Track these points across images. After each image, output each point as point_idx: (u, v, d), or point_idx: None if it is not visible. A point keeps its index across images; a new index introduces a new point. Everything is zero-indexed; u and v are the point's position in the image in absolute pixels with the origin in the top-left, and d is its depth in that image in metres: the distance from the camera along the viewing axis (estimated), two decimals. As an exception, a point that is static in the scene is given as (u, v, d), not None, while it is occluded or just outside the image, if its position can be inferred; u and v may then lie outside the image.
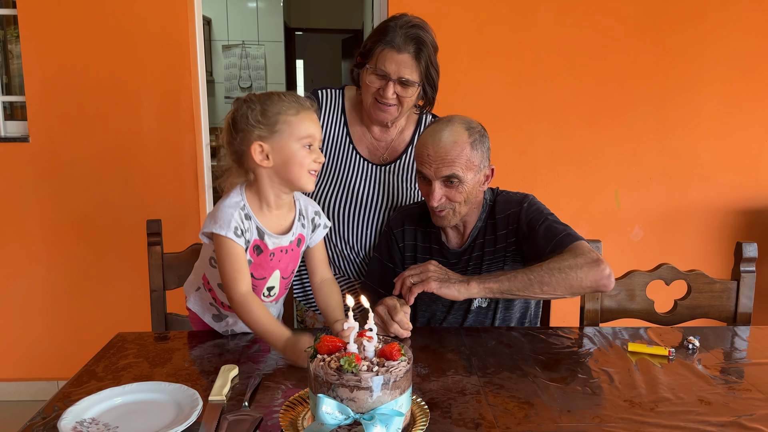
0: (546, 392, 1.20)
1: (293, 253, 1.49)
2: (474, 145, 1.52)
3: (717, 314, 1.71)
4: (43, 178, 2.86)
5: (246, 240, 1.39)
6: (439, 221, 1.59)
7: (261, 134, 1.36)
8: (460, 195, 1.53)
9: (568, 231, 1.53)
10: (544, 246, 1.51)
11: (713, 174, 3.13)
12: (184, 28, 2.81)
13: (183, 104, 2.85)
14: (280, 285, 1.50)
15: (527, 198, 1.63)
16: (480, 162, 1.54)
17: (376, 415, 0.95)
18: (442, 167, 1.50)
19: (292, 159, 1.37)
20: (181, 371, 1.29)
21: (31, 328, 3.01)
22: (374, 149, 1.85)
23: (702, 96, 3.05)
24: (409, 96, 1.71)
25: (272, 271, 1.46)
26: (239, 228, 1.37)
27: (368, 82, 1.71)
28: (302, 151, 1.38)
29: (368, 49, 1.72)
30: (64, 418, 1.02)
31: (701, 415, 1.12)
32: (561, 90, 3.00)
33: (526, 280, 1.42)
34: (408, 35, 1.66)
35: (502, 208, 1.63)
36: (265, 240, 1.42)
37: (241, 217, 1.38)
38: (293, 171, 1.39)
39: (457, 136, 1.51)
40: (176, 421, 1.03)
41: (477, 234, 1.64)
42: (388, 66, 1.67)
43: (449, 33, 2.91)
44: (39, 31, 2.75)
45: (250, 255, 1.41)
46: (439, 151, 1.50)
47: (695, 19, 2.97)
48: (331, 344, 1.04)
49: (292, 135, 1.37)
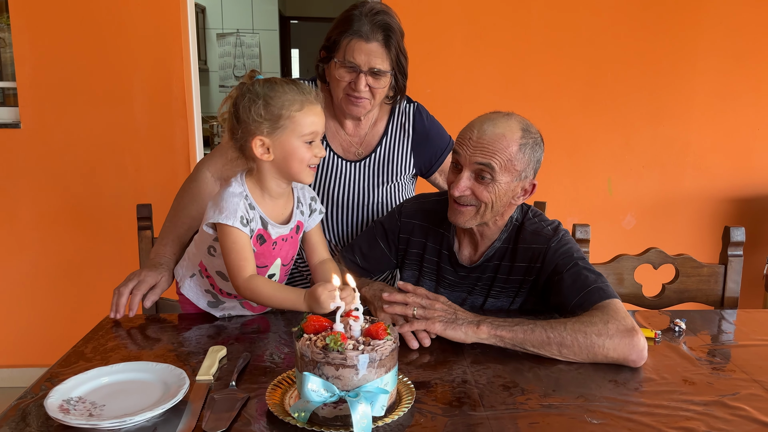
0: (531, 372, 1.21)
1: (292, 240, 1.49)
2: (522, 148, 1.37)
3: (704, 298, 1.72)
4: (35, 164, 2.86)
5: (251, 229, 1.38)
6: (456, 217, 1.44)
7: (263, 129, 1.34)
8: (488, 195, 1.38)
9: (599, 284, 1.35)
10: (570, 297, 1.36)
11: (706, 162, 3.14)
12: (176, 14, 2.79)
13: (175, 91, 2.84)
14: (280, 272, 1.51)
15: (557, 234, 1.45)
16: (523, 169, 1.38)
17: (361, 393, 0.96)
18: (478, 153, 1.36)
19: (293, 155, 1.36)
20: (169, 353, 1.29)
21: (22, 315, 3.01)
22: (348, 145, 1.80)
23: (695, 84, 3.06)
24: (381, 87, 1.66)
25: (274, 259, 1.46)
26: (245, 217, 1.36)
27: (338, 77, 1.64)
28: (303, 147, 1.36)
29: (333, 41, 1.65)
30: (51, 396, 1.02)
31: (685, 394, 1.13)
32: (554, 77, 3.01)
33: (544, 338, 1.24)
34: (375, 23, 1.61)
35: (529, 239, 1.46)
36: (268, 230, 1.42)
37: (245, 206, 1.37)
38: (293, 166, 1.37)
39: (507, 130, 1.37)
40: (163, 399, 1.03)
41: (494, 254, 1.50)
42: (358, 57, 1.60)
43: (442, 20, 2.91)
44: (30, 17, 2.74)
45: (254, 244, 1.40)
46: (482, 138, 1.36)
47: (689, 7, 2.97)
48: (318, 324, 1.05)
49: (294, 131, 1.34)
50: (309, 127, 1.35)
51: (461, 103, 2.95)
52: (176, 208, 1.66)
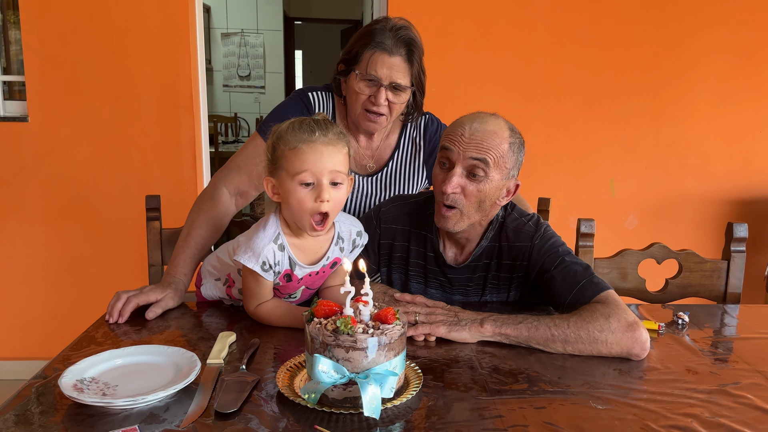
0: (537, 361, 1.22)
1: (324, 274, 1.44)
2: (512, 147, 1.38)
3: (707, 293, 1.74)
4: (42, 158, 2.88)
5: (275, 272, 1.34)
6: (443, 221, 1.42)
7: (269, 168, 1.30)
8: (478, 194, 1.37)
9: (589, 277, 1.37)
10: (564, 295, 1.38)
11: (708, 164, 3.16)
12: (184, 12, 2.82)
13: (182, 86, 2.86)
14: (302, 294, 1.47)
15: (539, 230, 1.46)
16: (511, 168, 1.39)
17: (370, 375, 0.98)
18: (472, 149, 1.35)
19: (291, 198, 1.27)
20: (179, 338, 1.31)
21: (29, 308, 3.03)
22: (360, 159, 1.78)
23: (697, 86, 3.07)
24: (400, 102, 1.65)
25: (297, 289, 1.44)
26: (267, 263, 1.31)
27: (357, 90, 1.62)
28: (299, 191, 1.25)
29: (355, 54, 1.64)
30: (65, 376, 1.04)
31: (688, 383, 1.14)
32: (557, 78, 3.03)
33: (548, 335, 1.25)
34: (399, 37, 1.61)
35: (512, 237, 1.47)
36: (295, 271, 1.37)
37: (273, 250, 1.31)
38: (293, 212, 1.28)
39: (498, 128, 1.37)
40: (174, 380, 1.05)
41: (482, 253, 1.49)
42: (380, 70, 1.59)
43: (447, 21, 2.94)
44: (39, 11, 2.76)
45: (279, 280, 1.38)
46: (475, 135, 1.35)
47: (691, 9, 2.99)
48: (328, 308, 1.06)
49: (288, 172, 1.25)
50: (300, 166, 1.23)
51: (465, 103, 2.95)
52: (191, 227, 1.61)
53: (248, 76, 7.61)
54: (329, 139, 1.25)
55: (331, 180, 1.26)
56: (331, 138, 1.25)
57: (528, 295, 1.52)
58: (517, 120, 3.01)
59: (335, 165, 1.25)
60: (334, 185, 1.27)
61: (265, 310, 1.38)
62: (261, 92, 7.67)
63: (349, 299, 1.04)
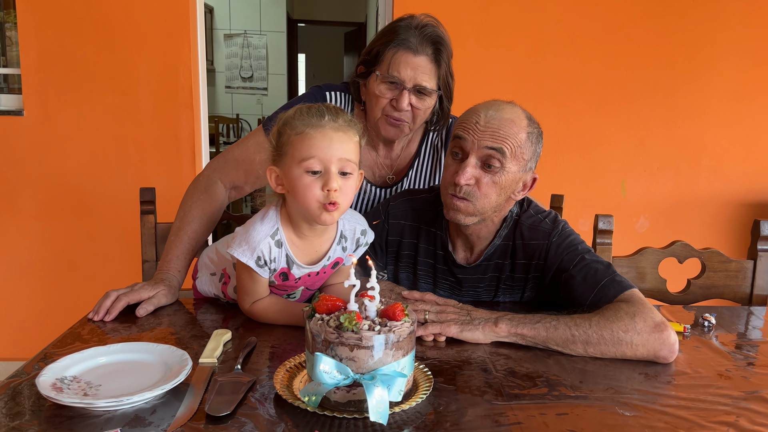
0: (556, 363, 1.13)
1: (325, 275, 1.35)
2: (530, 137, 1.29)
3: (732, 295, 1.65)
4: (37, 152, 2.80)
5: (271, 269, 1.25)
6: (454, 213, 1.32)
7: (273, 158, 1.21)
8: (494, 186, 1.28)
9: (612, 275, 1.28)
10: (585, 295, 1.28)
11: (722, 165, 3.07)
12: (184, 7, 2.75)
13: (182, 80, 2.78)
14: (302, 294, 1.38)
15: (557, 227, 1.37)
16: (529, 159, 1.30)
17: (377, 376, 0.89)
18: (488, 138, 1.25)
19: (295, 186, 1.17)
20: (171, 336, 1.22)
21: (22, 305, 2.95)
22: (378, 168, 1.66)
23: (711, 84, 2.99)
24: (425, 107, 1.50)
25: (295, 289, 1.35)
26: (262, 258, 1.22)
27: (378, 92, 1.48)
28: (305, 178, 1.15)
29: (376, 53, 1.49)
30: (44, 375, 0.95)
31: (721, 388, 1.05)
32: (568, 75, 2.95)
33: (568, 336, 1.16)
34: (425, 35, 1.46)
35: (527, 234, 1.38)
36: (293, 270, 1.27)
37: (269, 245, 1.22)
38: (299, 202, 1.18)
39: (515, 116, 1.28)
40: (163, 380, 0.96)
41: (494, 252, 1.40)
42: (403, 71, 1.45)
43: (455, 18, 2.86)
44: (36, 4, 2.69)
45: (275, 278, 1.28)
46: (491, 123, 1.26)
47: (706, 5, 2.92)
48: (331, 303, 0.98)
49: (293, 158, 1.16)
50: (307, 152, 1.14)
51: (474, 101, 2.88)
52: (183, 220, 1.51)
53: (251, 77, 7.55)
54: (339, 125, 1.16)
55: (340, 169, 1.16)
56: (341, 124, 1.16)
57: (543, 296, 1.43)
58: (527, 117, 2.97)
59: (345, 153, 1.16)
60: (343, 175, 1.17)
61: (261, 308, 1.29)
62: (263, 94, 7.61)
63: (353, 294, 0.96)
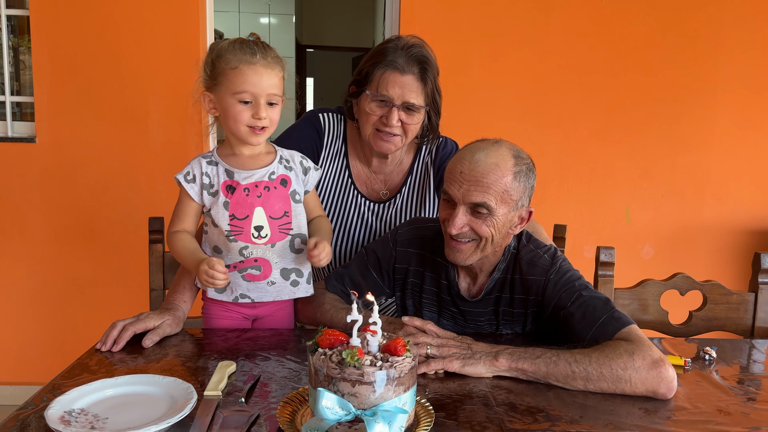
0: (557, 397, 1.14)
1: (277, 191, 1.44)
2: (517, 177, 1.30)
3: (734, 327, 1.65)
4: (49, 178, 2.85)
5: (206, 184, 1.41)
6: (454, 255, 1.35)
7: (207, 85, 1.40)
8: (487, 229, 1.31)
9: (610, 312, 1.28)
10: (584, 332, 1.28)
11: (727, 192, 3.08)
12: (195, 35, 2.81)
13: (191, 109, 2.83)
14: (270, 225, 1.42)
15: (555, 264, 1.38)
16: (519, 198, 1.32)
17: (378, 412, 0.90)
18: (473, 191, 1.29)
19: (228, 113, 1.38)
20: (177, 367, 1.24)
21: (29, 330, 2.97)
22: (372, 183, 1.73)
23: (716, 112, 3.01)
24: (414, 123, 1.58)
25: (252, 208, 1.41)
26: (191, 173, 1.42)
27: (368, 110, 1.56)
28: (237, 106, 1.36)
29: (365, 73, 1.58)
30: (52, 407, 0.98)
31: (721, 425, 1.06)
32: (572, 103, 2.98)
33: (568, 372, 1.17)
34: (411, 55, 1.55)
35: (525, 269, 1.39)
36: (234, 177, 1.42)
37: (200, 164, 1.42)
38: (231, 125, 1.39)
39: (500, 159, 1.29)
40: (169, 413, 0.98)
41: (493, 286, 1.42)
42: (391, 90, 1.53)
43: (460, 45, 2.90)
44: (50, 32, 2.76)
45: (224, 195, 1.41)
46: (474, 171, 1.29)
47: (710, 34, 2.95)
48: (333, 338, 1.00)
49: (228, 89, 1.36)
50: (241, 86, 1.35)
51: (478, 127, 2.89)
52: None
53: (260, 101, 7.62)
54: (268, 62, 1.37)
55: (268, 100, 1.38)
56: (270, 61, 1.37)
57: (545, 328, 1.43)
58: (531, 145, 2.96)
59: (272, 88, 1.38)
60: (270, 105, 1.39)
61: (175, 239, 1.44)
62: (272, 118, 7.65)
63: (356, 329, 0.97)
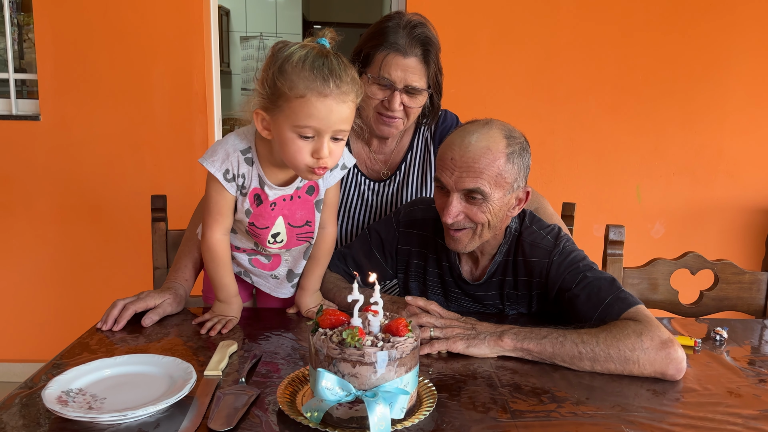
0: (563, 378, 1.12)
1: (301, 200, 1.34)
2: (510, 158, 1.26)
3: (746, 307, 1.62)
4: (54, 157, 2.84)
5: (240, 185, 1.27)
6: (453, 244, 1.33)
7: (264, 103, 1.19)
8: (483, 215, 1.27)
9: (616, 292, 1.25)
10: (589, 313, 1.25)
11: (739, 170, 3.02)
12: (198, 11, 2.76)
13: (196, 86, 2.80)
14: (287, 232, 1.36)
15: (558, 245, 1.34)
16: (514, 180, 1.28)
17: (379, 393, 0.89)
18: (465, 177, 1.24)
19: (286, 146, 1.18)
20: (178, 346, 1.23)
21: (38, 308, 2.99)
22: (372, 163, 1.70)
23: (729, 89, 2.94)
24: (416, 106, 1.54)
25: (274, 219, 1.34)
26: (231, 172, 1.25)
27: (369, 94, 1.51)
28: (298, 143, 1.17)
29: (366, 55, 1.53)
30: (49, 387, 0.96)
31: (731, 407, 1.04)
32: (582, 79, 2.92)
33: (575, 353, 1.14)
34: (413, 36, 1.49)
35: (528, 251, 1.36)
36: (265, 189, 1.29)
37: (239, 160, 1.25)
38: (287, 159, 1.21)
39: (491, 142, 1.25)
40: (167, 393, 0.97)
41: (496, 269, 1.39)
42: (394, 73, 1.48)
43: (469, 20, 2.85)
44: (52, 9, 2.72)
45: (250, 205, 1.30)
46: (465, 157, 1.24)
47: (723, 8, 2.87)
48: (334, 318, 0.98)
49: (288, 119, 1.16)
50: (305, 120, 1.14)
51: (486, 104, 2.88)
52: (193, 230, 1.52)
53: (267, 79, 7.57)
54: (342, 91, 1.15)
55: (333, 135, 1.19)
56: (345, 90, 1.16)
57: (550, 308, 1.41)
58: (540, 122, 2.94)
59: (341, 124, 1.18)
60: (335, 140, 1.20)
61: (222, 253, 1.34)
62: (279, 95, 7.61)
63: (357, 308, 0.95)
